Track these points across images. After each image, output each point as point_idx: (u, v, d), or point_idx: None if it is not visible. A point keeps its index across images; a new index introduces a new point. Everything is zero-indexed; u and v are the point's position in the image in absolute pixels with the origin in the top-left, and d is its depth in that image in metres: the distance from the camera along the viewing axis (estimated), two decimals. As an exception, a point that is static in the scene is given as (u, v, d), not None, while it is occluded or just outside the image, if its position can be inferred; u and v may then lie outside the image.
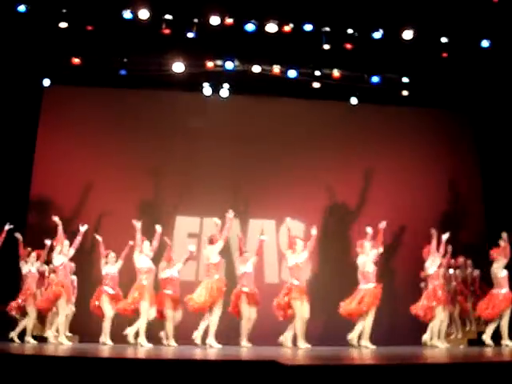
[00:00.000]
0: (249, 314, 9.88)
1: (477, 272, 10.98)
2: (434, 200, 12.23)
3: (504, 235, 10.09)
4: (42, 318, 10.33)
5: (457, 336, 10.89)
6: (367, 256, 9.97)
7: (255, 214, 11.87)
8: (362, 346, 9.71)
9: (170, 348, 9.31)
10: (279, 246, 11.81)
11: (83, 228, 10.08)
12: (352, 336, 9.78)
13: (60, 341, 9.56)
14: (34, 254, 10.00)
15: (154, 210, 11.52)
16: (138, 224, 9.86)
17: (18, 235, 9.93)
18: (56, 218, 9.98)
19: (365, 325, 9.77)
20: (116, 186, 11.59)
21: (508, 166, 11.78)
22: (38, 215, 11.30)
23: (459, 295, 10.83)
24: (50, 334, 9.79)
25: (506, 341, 9.82)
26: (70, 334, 10.26)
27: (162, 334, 9.82)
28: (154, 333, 9.85)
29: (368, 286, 9.85)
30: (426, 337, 10.00)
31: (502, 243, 10.06)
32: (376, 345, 9.79)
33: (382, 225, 10.11)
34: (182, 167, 11.85)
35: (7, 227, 9.88)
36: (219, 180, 11.72)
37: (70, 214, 11.29)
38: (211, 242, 9.96)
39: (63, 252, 9.81)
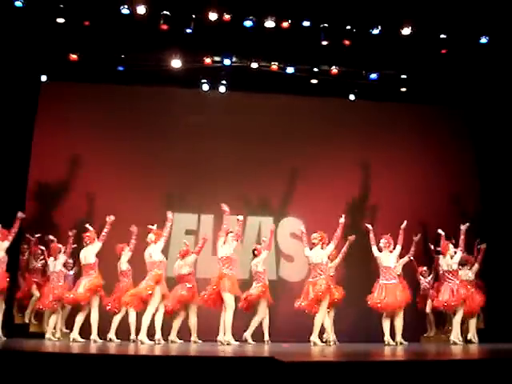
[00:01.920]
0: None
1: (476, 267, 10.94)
2: (430, 195, 12.26)
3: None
4: (40, 315, 10.33)
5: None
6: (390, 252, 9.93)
7: (253, 210, 11.86)
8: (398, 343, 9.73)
9: (174, 344, 9.35)
10: (277, 243, 11.85)
11: (110, 219, 9.88)
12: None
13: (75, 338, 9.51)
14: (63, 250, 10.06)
15: (151, 207, 11.49)
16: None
17: (51, 237, 10.17)
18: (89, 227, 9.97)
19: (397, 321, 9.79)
20: (113, 182, 11.57)
21: (505, 162, 11.78)
22: (35, 209, 11.29)
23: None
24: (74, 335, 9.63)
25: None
26: (66, 331, 10.24)
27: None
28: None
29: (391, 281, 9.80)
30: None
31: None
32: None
33: (403, 225, 10.11)
34: (179, 163, 11.81)
35: (20, 215, 9.83)
36: (217, 176, 11.70)
37: (67, 209, 11.30)
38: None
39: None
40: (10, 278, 9.73)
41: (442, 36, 10.49)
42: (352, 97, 12.22)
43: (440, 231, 10.30)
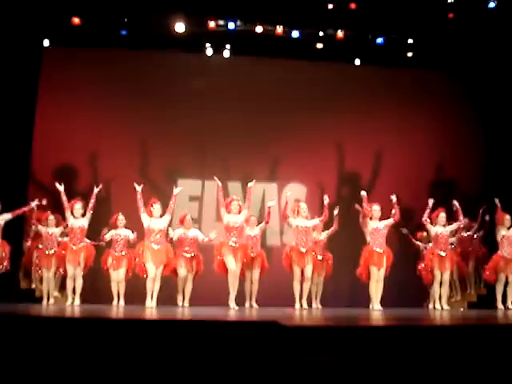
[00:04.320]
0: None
1: (480, 234, 10.94)
2: (435, 159, 12.26)
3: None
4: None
5: (456, 299, 10.94)
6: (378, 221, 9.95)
7: (257, 176, 11.83)
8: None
9: (179, 309, 9.39)
10: (281, 209, 11.84)
11: (96, 189, 9.91)
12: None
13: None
14: (52, 217, 10.01)
15: (156, 173, 11.49)
16: (138, 187, 9.72)
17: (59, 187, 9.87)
18: (58, 186, 9.84)
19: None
20: (117, 149, 11.52)
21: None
22: (40, 178, 11.27)
23: (459, 256, 10.79)
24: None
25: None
26: (57, 294, 10.31)
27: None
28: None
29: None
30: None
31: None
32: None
33: (394, 198, 10.06)
34: (183, 129, 11.74)
35: (35, 204, 9.89)
36: (221, 142, 11.65)
37: (71, 177, 11.27)
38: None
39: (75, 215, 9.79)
40: (14, 244, 9.80)
41: (450, 0, 10.34)
42: (357, 61, 12.10)
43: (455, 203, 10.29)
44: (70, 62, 11.66)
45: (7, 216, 9.60)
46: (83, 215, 9.84)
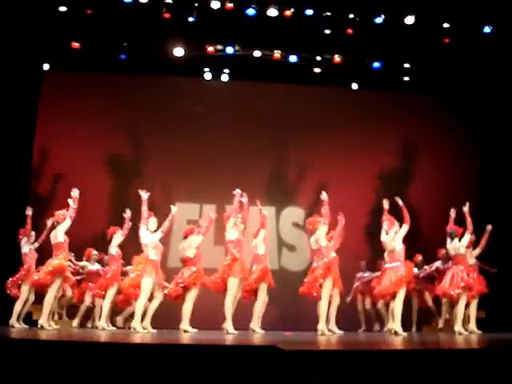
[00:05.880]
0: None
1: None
2: (433, 184, 12.28)
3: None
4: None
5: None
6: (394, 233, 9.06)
7: (255, 200, 11.84)
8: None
9: (170, 332, 9.17)
10: (279, 232, 11.85)
11: (75, 194, 9.02)
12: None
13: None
14: (33, 233, 9.86)
15: (154, 196, 11.48)
16: (144, 194, 9.23)
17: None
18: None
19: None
20: (115, 172, 11.59)
21: (508, 155, 11.78)
22: (38, 197, 11.33)
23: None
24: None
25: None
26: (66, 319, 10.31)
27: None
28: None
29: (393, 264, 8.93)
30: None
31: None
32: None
33: (400, 201, 9.19)
34: (181, 152, 11.80)
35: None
36: (219, 165, 11.70)
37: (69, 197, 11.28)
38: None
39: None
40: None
41: (446, 25, 10.46)
42: (355, 86, 12.20)
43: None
44: (70, 85, 11.78)
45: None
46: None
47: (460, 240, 9.51)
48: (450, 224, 9.73)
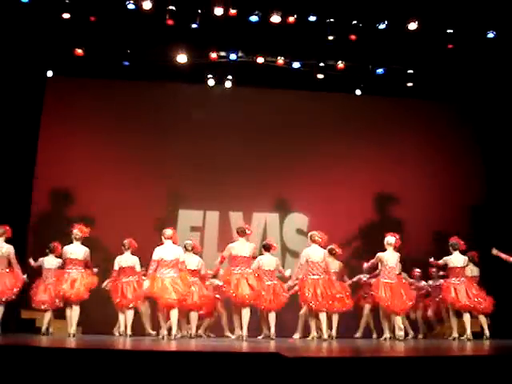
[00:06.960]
0: None
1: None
2: (437, 190, 12.23)
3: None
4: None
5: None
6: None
7: (258, 207, 11.84)
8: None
9: (171, 340, 9.12)
10: (283, 239, 11.82)
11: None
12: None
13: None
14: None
15: (157, 203, 11.49)
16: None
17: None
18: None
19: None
20: (119, 178, 11.58)
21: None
22: (41, 204, 11.31)
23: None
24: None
25: None
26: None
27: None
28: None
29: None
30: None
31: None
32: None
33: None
34: (184, 159, 11.80)
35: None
36: (223, 172, 11.69)
37: (72, 204, 11.30)
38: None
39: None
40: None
41: (449, 31, 10.43)
42: (358, 92, 12.18)
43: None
44: (73, 91, 11.78)
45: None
46: None
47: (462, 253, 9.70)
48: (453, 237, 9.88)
